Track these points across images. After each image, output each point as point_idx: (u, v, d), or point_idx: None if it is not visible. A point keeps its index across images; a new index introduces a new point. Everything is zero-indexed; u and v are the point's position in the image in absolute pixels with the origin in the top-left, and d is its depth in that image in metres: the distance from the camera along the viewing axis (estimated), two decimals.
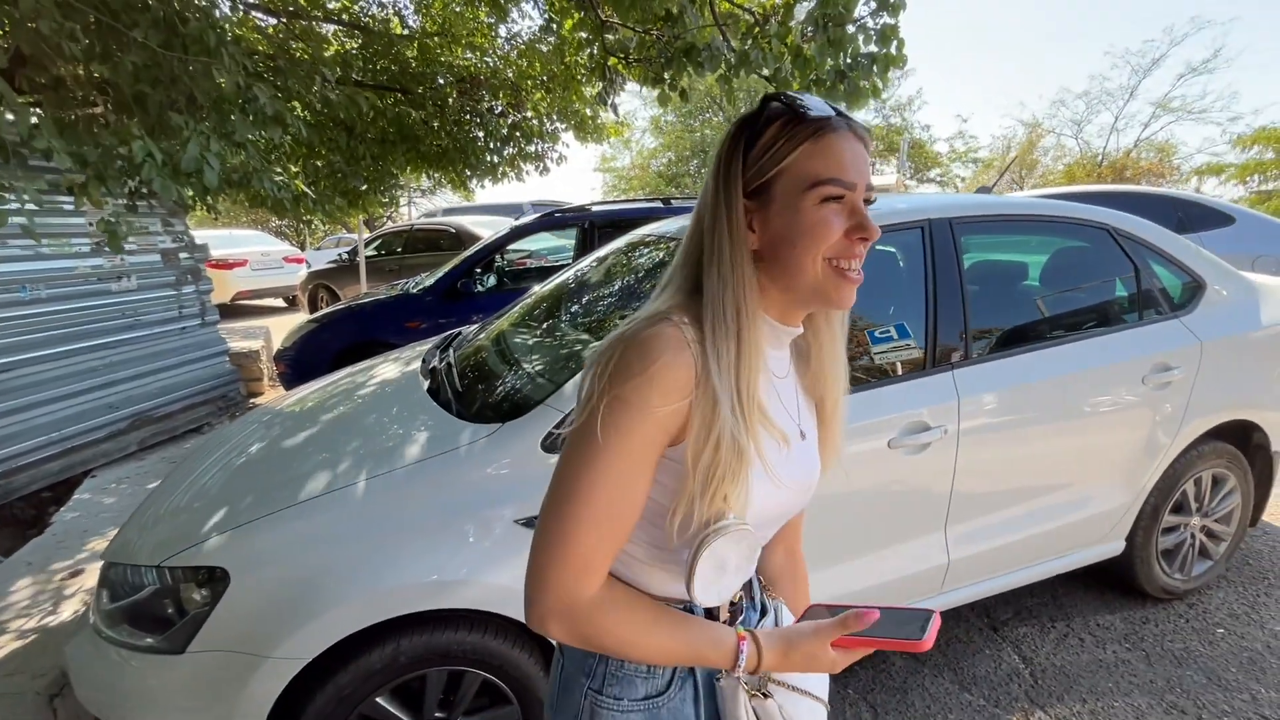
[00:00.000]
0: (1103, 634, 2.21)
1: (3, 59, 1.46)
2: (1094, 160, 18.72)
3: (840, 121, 0.64)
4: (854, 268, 0.65)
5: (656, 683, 0.72)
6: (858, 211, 0.64)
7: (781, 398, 0.72)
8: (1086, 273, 2.25)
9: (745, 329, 0.63)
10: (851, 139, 0.64)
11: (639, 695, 0.72)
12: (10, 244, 3.07)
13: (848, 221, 0.64)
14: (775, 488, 0.68)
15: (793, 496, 0.73)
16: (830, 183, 0.62)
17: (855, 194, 0.63)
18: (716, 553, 0.63)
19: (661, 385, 0.60)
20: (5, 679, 1.89)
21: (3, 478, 3.11)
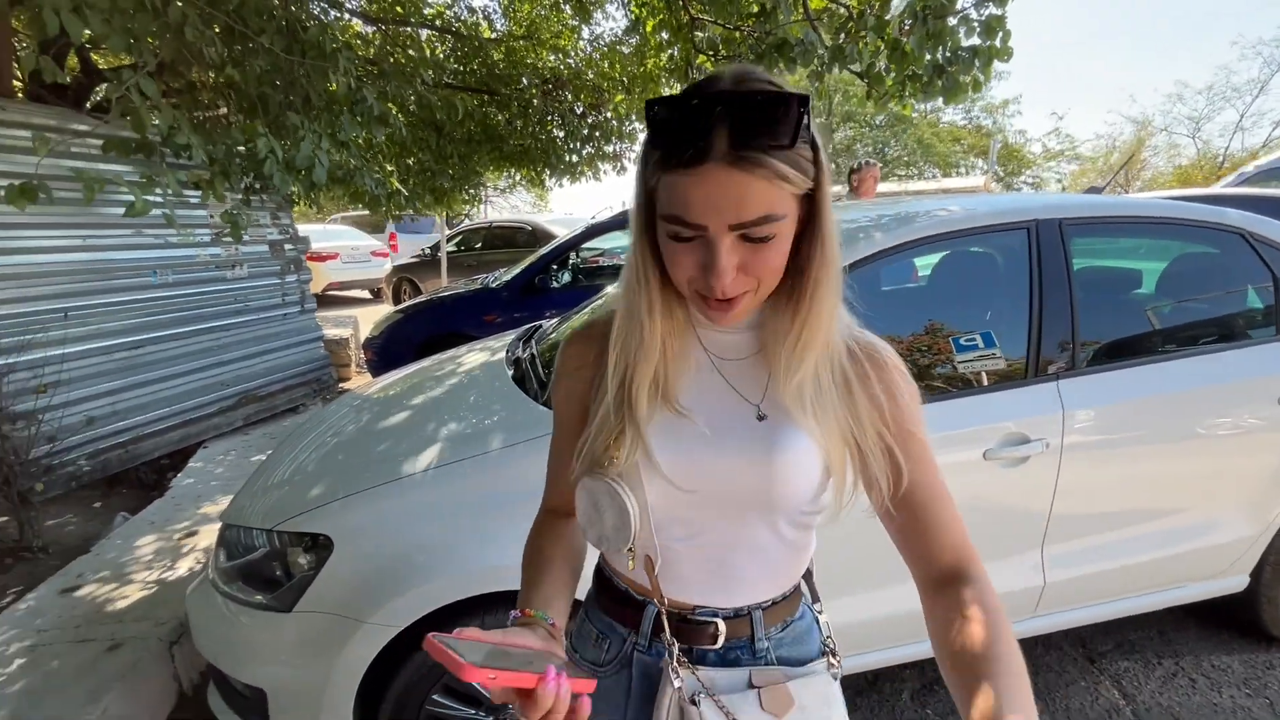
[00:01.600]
0: (1218, 676, 2.02)
1: (153, 64, 1.63)
2: (1214, 161, 17.10)
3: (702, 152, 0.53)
4: (719, 295, 0.59)
5: (600, 653, 0.78)
6: (711, 251, 0.57)
7: (728, 379, 0.70)
8: (1214, 281, 2.05)
9: (644, 317, 0.66)
10: (714, 172, 0.54)
11: (588, 657, 0.79)
12: (145, 233, 3.40)
13: (699, 259, 0.58)
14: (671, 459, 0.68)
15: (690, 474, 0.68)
16: (673, 220, 0.57)
17: (709, 234, 0.56)
18: (590, 491, 0.69)
19: (566, 360, 0.77)
20: (133, 624, 2.09)
21: (132, 444, 3.44)
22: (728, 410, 0.69)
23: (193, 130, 1.84)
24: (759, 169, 0.54)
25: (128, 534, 2.74)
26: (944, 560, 0.66)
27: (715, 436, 0.68)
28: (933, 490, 0.67)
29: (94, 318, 3.23)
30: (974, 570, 0.65)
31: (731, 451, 0.68)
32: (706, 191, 0.54)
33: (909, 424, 0.68)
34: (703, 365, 0.71)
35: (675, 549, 0.72)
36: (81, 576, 2.39)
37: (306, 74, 2.03)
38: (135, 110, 1.60)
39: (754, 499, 0.68)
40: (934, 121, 19.13)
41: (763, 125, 0.53)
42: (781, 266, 0.61)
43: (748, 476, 0.67)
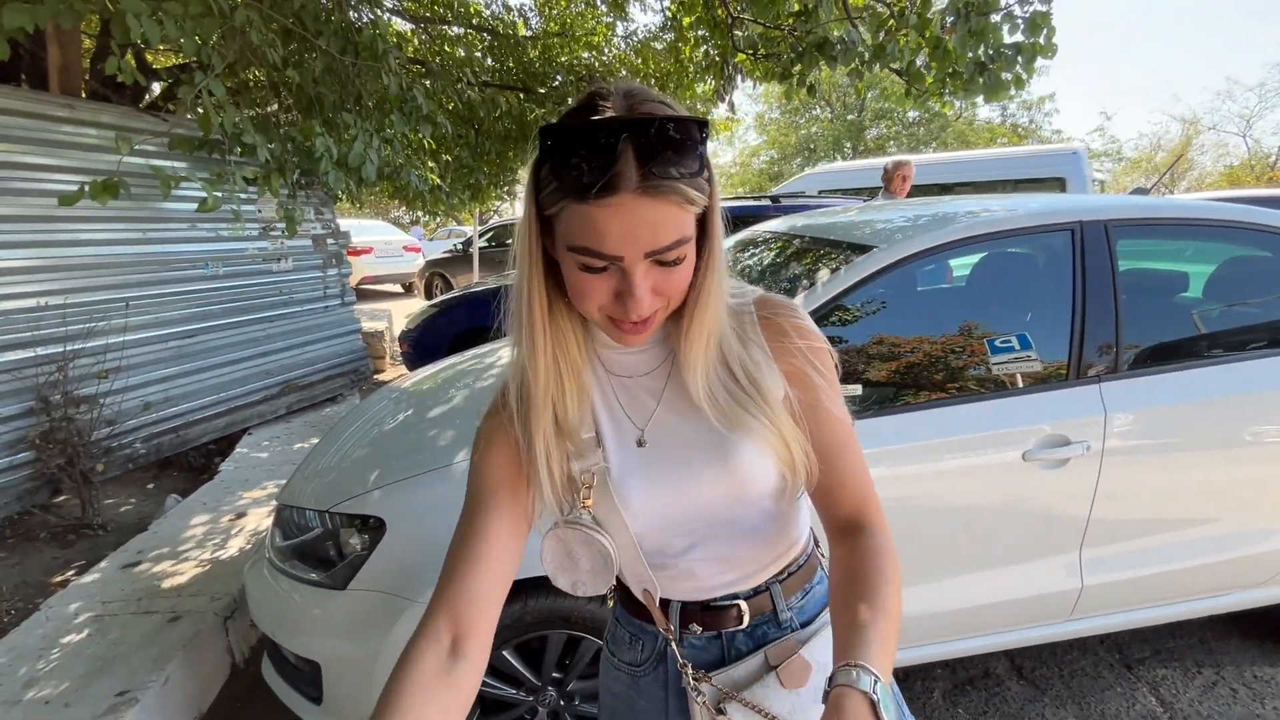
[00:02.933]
0: (1261, 688, 1.98)
1: (220, 66, 1.72)
2: (1265, 161, 16.44)
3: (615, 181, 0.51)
4: (633, 319, 0.58)
5: (636, 654, 0.79)
6: (627, 279, 0.56)
7: (622, 399, 0.70)
8: (1265, 285, 2.01)
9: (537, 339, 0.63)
10: (627, 201, 0.52)
11: (625, 660, 0.81)
12: (199, 227, 3.54)
13: (616, 287, 0.57)
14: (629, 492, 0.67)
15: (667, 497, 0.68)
16: (585, 253, 0.55)
17: (625, 264, 0.55)
18: (563, 540, 0.68)
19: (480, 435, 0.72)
20: (190, 599, 2.20)
21: (183, 429, 3.60)
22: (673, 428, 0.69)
23: (255, 129, 1.93)
24: (672, 195, 0.53)
25: (181, 514, 2.87)
26: (843, 510, 0.68)
27: (670, 461, 0.68)
28: (835, 444, 0.68)
29: (152, 307, 3.38)
30: (871, 520, 0.67)
31: (690, 473, 0.68)
32: (621, 222, 0.53)
33: (814, 377, 0.67)
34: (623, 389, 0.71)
35: (681, 561, 0.72)
36: (141, 553, 2.52)
37: (359, 74, 2.11)
38: (205, 110, 1.69)
39: (732, 504, 0.69)
40: (969, 120, 18.73)
41: (671, 153, 0.53)
42: (688, 281, 0.61)
43: (716, 490, 0.68)
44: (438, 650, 0.58)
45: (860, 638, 0.55)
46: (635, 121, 0.53)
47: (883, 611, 0.58)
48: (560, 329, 0.65)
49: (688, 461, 0.68)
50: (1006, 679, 2.03)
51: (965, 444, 1.66)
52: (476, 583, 0.61)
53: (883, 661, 0.54)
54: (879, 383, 1.73)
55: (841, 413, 0.69)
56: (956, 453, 1.65)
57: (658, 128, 0.52)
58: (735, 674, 0.72)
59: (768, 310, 0.70)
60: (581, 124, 0.53)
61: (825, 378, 0.68)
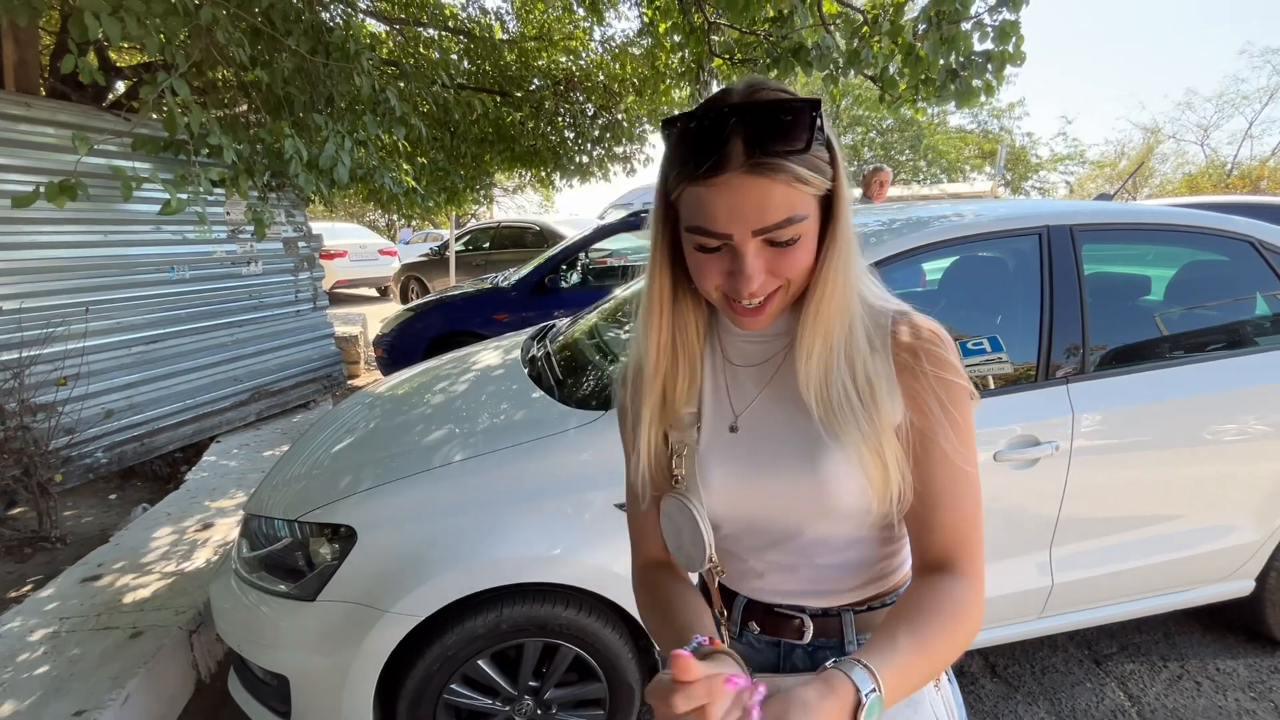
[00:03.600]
0: (1223, 680, 2.03)
1: (184, 65, 1.68)
2: (1222, 169, 17.05)
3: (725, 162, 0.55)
4: (747, 303, 0.60)
5: None
6: (738, 258, 0.58)
7: (730, 385, 0.71)
8: (1223, 288, 2.07)
9: (657, 326, 0.67)
10: (736, 180, 0.55)
11: None
12: (164, 229, 3.44)
13: (729, 267, 0.59)
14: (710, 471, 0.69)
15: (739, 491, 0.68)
16: (699, 232, 0.58)
17: (734, 241, 0.57)
18: (667, 509, 0.71)
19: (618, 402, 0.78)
20: (153, 613, 2.13)
21: (147, 437, 3.49)
22: (770, 420, 0.68)
23: (222, 130, 1.88)
24: (778, 174, 0.55)
25: (145, 525, 2.78)
26: (934, 553, 0.65)
27: (759, 451, 0.68)
28: (942, 488, 0.64)
29: (114, 312, 3.28)
30: (961, 567, 0.63)
31: (776, 467, 0.67)
32: (729, 200, 0.56)
33: (936, 410, 0.63)
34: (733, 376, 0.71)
35: (752, 558, 0.72)
36: (101, 566, 2.44)
37: (331, 75, 2.07)
38: (169, 110, 1.64)
39: (814, 510, 0.66)
40: (934, 126, 19.11)
41: (777, 131, 0.55)
42: (809, 266, 0.61)
43: (799, 490, 0.66)
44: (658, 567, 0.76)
45: (884, 651, 0.54)
46: (742, 106, 0.56)
47: (922, 648, 0.56)
48: (681, 312, 0.68)
49: (774, 456, 0.67)
50: (981, 677, 2.06)
51: None
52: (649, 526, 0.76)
53: (894, 683, 0.52)
54: None
55: (961, 459, 0.63)
56: None
57: (765, 109, 0.55)
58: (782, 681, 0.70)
59: (906, 328, 0.65)
60: (694, 111, 0.57)
61: (950, 416, 0.63)
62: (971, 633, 0.61)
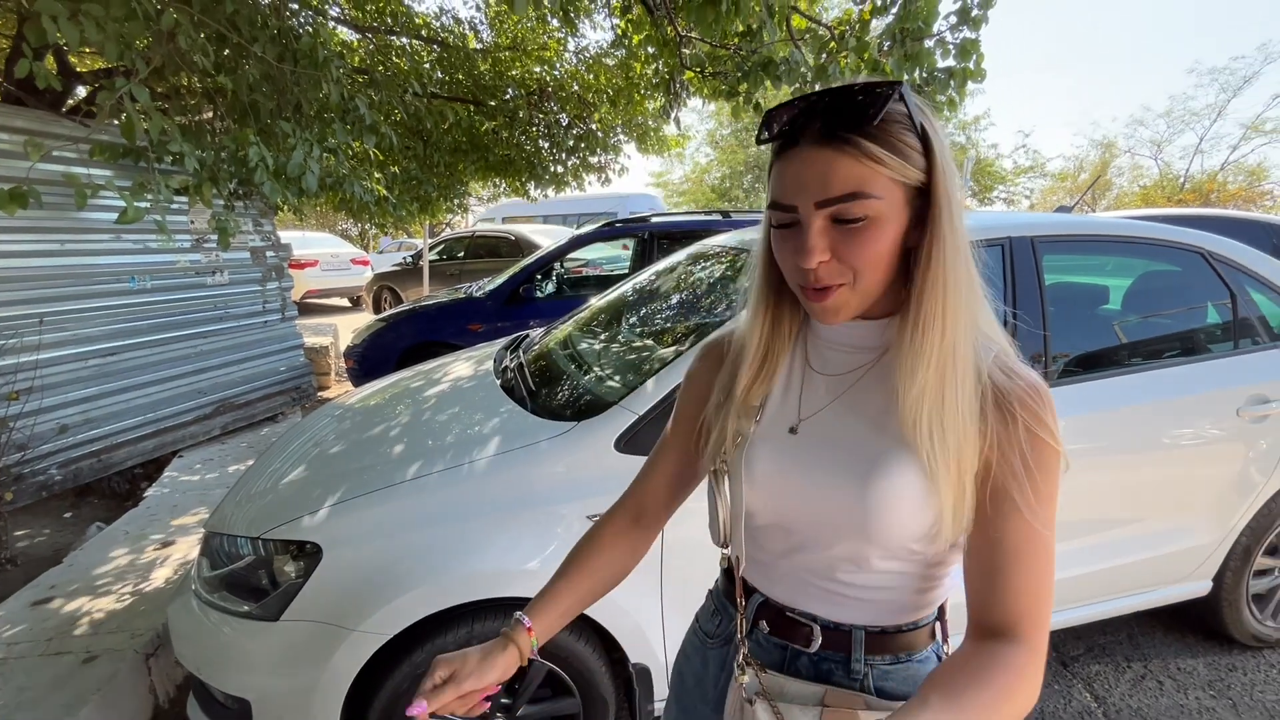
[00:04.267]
0: (1184, 679, 2.09)
1: (145, 71, 1.63)
2: (1175, 183, 17.76)
3: (795, 136, 0.57)
4: (815, 284, 0.59)
5: (713, 626, 0.83)
6: (802, 232, 0.58)
7: (805, 389, 0.71)
8: (1176, 297, 2.15)
9: (752, 320, 0.71)
10: (804, 152, 0.56)
11: (704, 627, 0.85)
12: (124, 238, 3.34)
13: (796, 245, 0.59)
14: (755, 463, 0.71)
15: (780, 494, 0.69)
16: (772, 208, 0.60)
17: (800, 214, 0.57)
18: (709, 484, 0.76)
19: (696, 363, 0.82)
20: (108, 636, 2.04)
21: (105, 452, 3.36)
22: (832, 430, 0.67)
23: (184, 137, 1.84)
24: (846, 145, 0.55)
25: (100, 545, 2.67)
26: (994, 616, 0.60)
27: (812, 457, 0.67)
28: (1012, 548, 0.60)
29: (70, 323, 3.16)
30: (1021, 634, 0.59)
31: (825, 476, 0.66)
32: (796, 169, 0.57)
33: (1017, 465, 0.59)
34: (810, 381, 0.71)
35: (776, 558, 0.73)
36: (54, 588, 2.33)
37: (298, 82, 2.04)
38: (128, 117, 1.60)
39: (849, 528, 0.65)
40: None
41: (852, 107, 0.55)
42: (881, 259, 0.58)
43: (840, 505, 0.64)
44: (623, 517, 0.82)
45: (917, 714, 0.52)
46: (825, 90, 0.57)
47: (959, 714, 0.52)
48: (781, 313, 0.70)
49: (827, 465, 0.66)
50: None
51: None
52: (656, 484, 0.82)
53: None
54: None
55: (1038, 520, 0.59)
56: None
57: (844, 90, 0.56)
58: (787, 686, 0.70)
59: (1002, 370, 0.62)
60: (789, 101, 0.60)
61: (1033, 476, 0.59)
62: (1025, 708, 0.56)
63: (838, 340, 0.69)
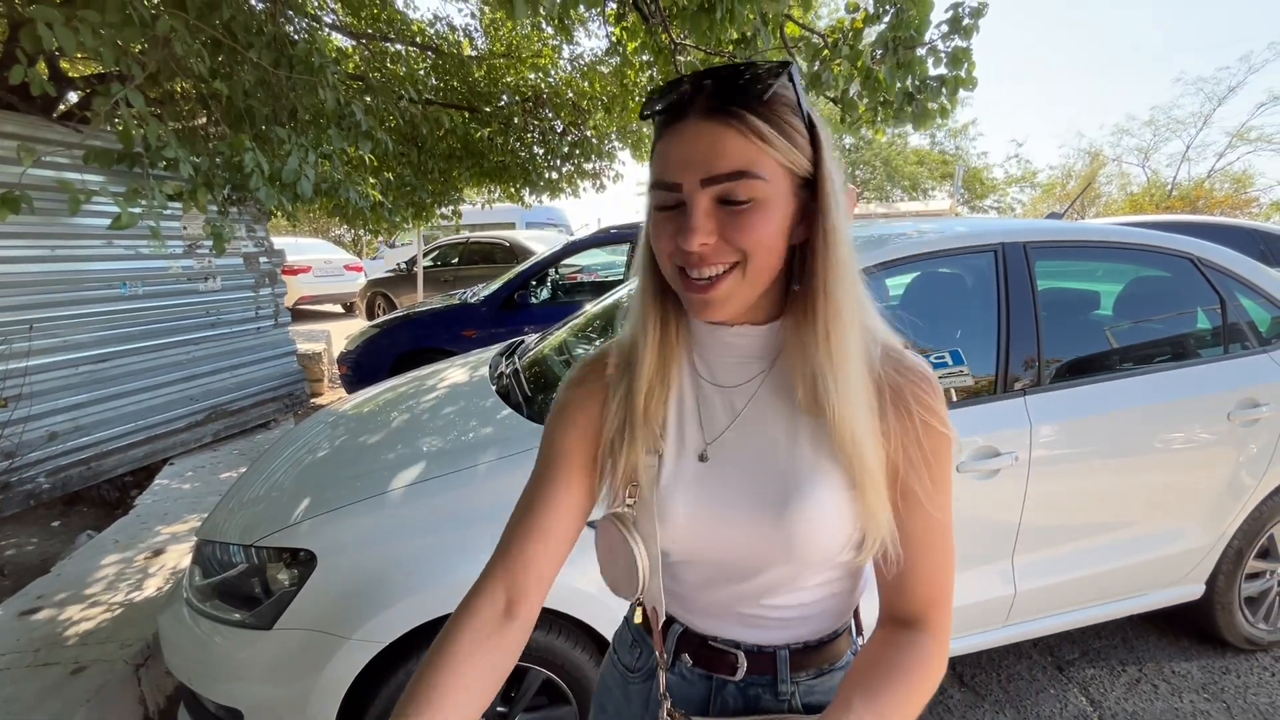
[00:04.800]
0: (1178, 682, 2.10)
1: (141, 77, 1.63)
2: (1163, 190, 17.97)
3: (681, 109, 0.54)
4: (696, 275, 0.55)
5: (633, 659, 0.77)
6: (685, 212, 0.54)
7: (703, 408, 0.65)
8: (1167, 303, 2.17)
9: (640, 329, 0.64)
10: (689, 126, 0.53)
11: (624, 660, 0.78)
12: (115, 244, 3.32)
13: (679, 226, 0.55)
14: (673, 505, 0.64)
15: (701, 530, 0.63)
16: (652, 186, 0.56)
17: (684, 193, 0.54)
18: (607, 531, 0.66)
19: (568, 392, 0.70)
20: (96, 647, 2.02)
21: (95, 460, 3.33)
22: (743, 454, 0.63)
23: (180, 144, 1.83)
24: (733, 120, 0.52)
25: (90, 554, 2.64)
26: (903, 607, 0.62)
27: (728, 487, 0.63)
28: (918, 539, 0.61)
29: (60, 330, 3.14)
30: (929, 622, 0.61)
31: (744, 507, 0.62)
32: (682, 145, 0.53)
33: (916, 457, 0.59)
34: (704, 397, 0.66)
35: (695, 590, 0.69)
36: (42, 598, 2.30)
37: (294, 88, 2.04)
38: (124, 122, 1.59)
39: (776, 555, 0.62)
40: (894, 143, 19.78)
41: (739, 83, 0.53)
42: (771, 243, 0.55)
43: (764, 535, 0.61)
44: (493, 610, 0.61)
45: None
46: (711, 68, 0.54)
47: (880, 714, 0.54)
48: (667, 316, 0.64)
49: (745, 494, 0.62)
50: (949, 687, 2.08)
51: None
52: (535, 552, 0.63)
53: None
54: None
55: (937, 509, 0.60)
56: None
57: (731, 68, 0.54)
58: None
59: (893, 366, 0.61)
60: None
61: (930, 464, 0.59)
62: (930, 691, 0.58)
63: (726, 349, 0.64)
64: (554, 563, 0.64)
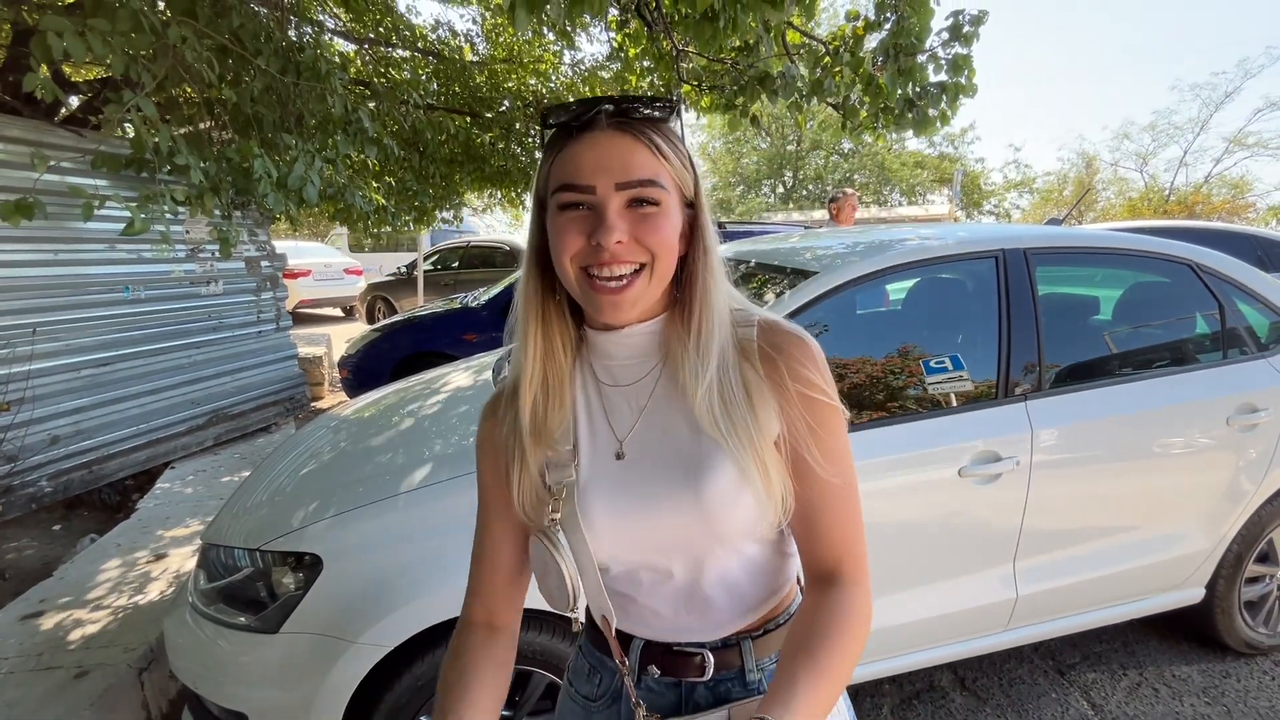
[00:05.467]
0: (1179, 686, 2.10)
1: (151, 85, 1.64)
2: (1161, 195, 18.03)
3: (593, 120, 0.59)
4: (607, 275, 0.59)
5: (593, 688, 0.77)
6: (600, 214, 0.59)
7: (609, 410, 0.68)
8: (1166, 308, 2.19)
9: (528, 341, 0.66)
10: (602, 137, 0.59)
11: (580, 692, 0.78)
12: (118, 248, 3.33)
13: (591, 228, 0.59)
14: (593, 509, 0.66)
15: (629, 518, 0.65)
16: (563, 189, 0.60)
17: (598, 196, 0.58)
18: (537, 549, 0.67)
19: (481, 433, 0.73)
20: (100, 650, 2.02)
21: (97, 464, 3.33)
22: (653, 446, 0.66)
23: (190, 150, 1.84)
24: (641, 135, 0.60)
25: (92, 558, 2.64)
26: (818, 564, 0.66)
27: (645, 480, 0.65)
28: (813, 502, 0.65)
29: (63, 333, 3.14)
30: (846, 575, 0.65)
31: (662, 496, 0.64)
32: (596, 153, 0.59)
33: (815, 437, 0.64)
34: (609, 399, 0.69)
35: (642, 596, 0.70)
36: (44, 602, 2.30)
37: (301, 94, 2.05)
38: (136, 129, 1.60)
39: (702, 539, 0.65)
40: (891, 147, 19.85)
41: (641, 105, 0.60)
42: (673, 245, 0.61)
43: (686, 520, 0.64)
44: (477, 631, 0.71)
45: (788, 694, 0.56)
46: (618, 95, 0.61)
47: (822, 673, 0.57)
48: (550, 327, 0.66)
49: (660, 480, 0.65)
50: (951, 691, 2.09)
51: (906, 462, 1.71)
52: (495, 575, 0.72)
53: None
54: None
55: (833, 475, 0.64)
56: (898, 470, 1.71)
57: (633, 97, 0.61)
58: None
59: (769, 341, 0.65)
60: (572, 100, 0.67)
61: (817, 434, 0.63)
62: (864, 638, 0.62)
63: (621, 351, 0.68)
64: (513, 582, 0.72)
